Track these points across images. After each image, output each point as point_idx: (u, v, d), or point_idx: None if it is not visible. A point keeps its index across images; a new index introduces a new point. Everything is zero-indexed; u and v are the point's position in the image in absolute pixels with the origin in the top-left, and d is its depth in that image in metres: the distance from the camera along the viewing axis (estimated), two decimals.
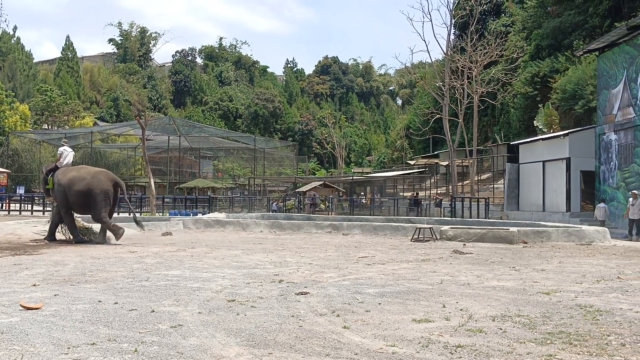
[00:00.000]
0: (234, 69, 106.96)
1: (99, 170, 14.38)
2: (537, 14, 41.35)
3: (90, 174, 13.60)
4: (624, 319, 5.25)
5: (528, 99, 36.51)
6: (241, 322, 5.05)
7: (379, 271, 8.72)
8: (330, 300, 6.15)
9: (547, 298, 6.39)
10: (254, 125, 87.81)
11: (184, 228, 19.40)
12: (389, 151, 67.43)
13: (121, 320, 5.10)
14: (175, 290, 6.73)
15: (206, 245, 13.32)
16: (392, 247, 13.18)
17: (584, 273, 8.57)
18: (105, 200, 13.39)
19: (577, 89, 29.44)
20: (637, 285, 7.38)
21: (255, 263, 9.69)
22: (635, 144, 20.91)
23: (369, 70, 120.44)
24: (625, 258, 10.95)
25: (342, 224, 18.79)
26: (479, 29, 39.64)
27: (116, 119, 71.62)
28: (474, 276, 8.18)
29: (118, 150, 58.32)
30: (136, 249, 11.91)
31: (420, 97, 58.01)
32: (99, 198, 13.25)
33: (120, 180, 14.27)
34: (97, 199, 13.23)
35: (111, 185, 13.57)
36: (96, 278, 7.69)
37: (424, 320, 5.18)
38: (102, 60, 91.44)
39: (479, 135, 39.56)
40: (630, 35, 21.49)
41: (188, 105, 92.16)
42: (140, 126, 29.40)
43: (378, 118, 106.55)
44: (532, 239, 14.43)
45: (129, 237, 14.34)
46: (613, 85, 22.51)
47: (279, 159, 64.74)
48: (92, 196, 13.20)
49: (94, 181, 13.34)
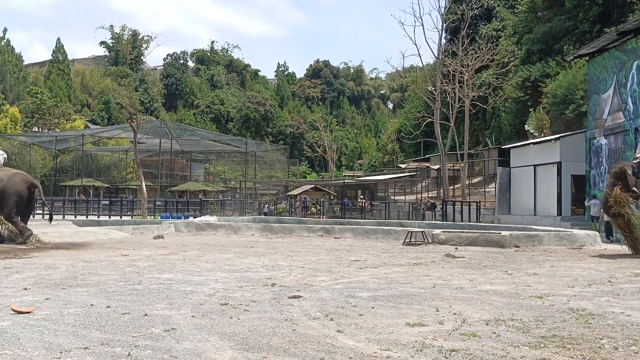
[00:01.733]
0: (225, 72, 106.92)
1: (17, 172, 14.70)
2: (528, 18, 41.64)
3: (7, 176, 13.93)
4: (616, 323, 5.28)
5: (519, 103, 36.71)
6: (235, 326, 5.03)
7: (372, 275, 8.72)
8: (323, 304, 6.14)
9: (539, 302, 6.41)
10: (245, 129, 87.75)
11: (175, 231, 19.32)
12: (380, 154, 67.57)
13: (114, 324, 5.07)
14: (168, 294, 6.70)
15: (198, 248, 13.27)
16: (384, 251, 13.19)
17: (576, 277, 8.61)
18: (17, 202, 13.70)
19: (568, 93, 29.64)
20: (628, 289, 7.43)
21: (247, 266, 9.67)
22: (625, 149, 21.06)
23: (360, 74, 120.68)
24: (616, 262, 11.02)
25: (334, 227, 18.78)
26: (470, 34, 39.85)
27: (108, 122, 71.36)
28: (467, 280, 8.20)
29: (109, 153, 58.10)
30: (128, 252, 11.84)
31: (412, 100, 58.20)
32: (11, 199, 13.58)
33: (37, 182, 14.64)
34: (9, 199, 13.56)
35: (26, 187, 13.90)
36: (88, 281, 7.64)
37: (418, 324, 5.19)
38: (93, 63, 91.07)
39: (470, 139, 39.74)
40: (619, 41, 21.66)
41: (180, 109, 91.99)
42: (132, 129, 29.34)
43: (369, 121, 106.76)
44: (523, 243, 14.49)
45: (120, 240, 14.28)
46: (603, 90, 22.67)
47: (270, 162, 64.70)
48: (5, 197, 13.56)
49: (9, 183, 13.69)
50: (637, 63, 20.33)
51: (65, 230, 16.82)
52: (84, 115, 67.68)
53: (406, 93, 78.30)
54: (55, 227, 17.42)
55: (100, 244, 14.13)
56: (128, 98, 78.99)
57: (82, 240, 14.95)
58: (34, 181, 14.38)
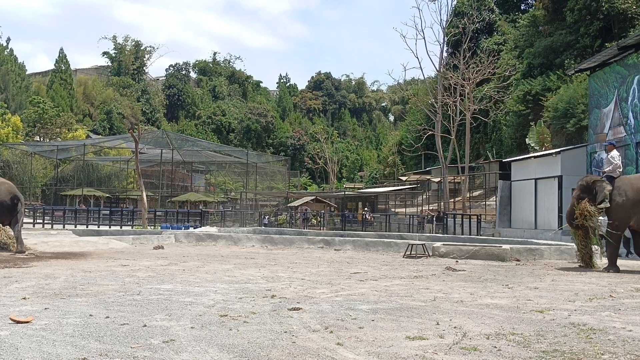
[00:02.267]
0: (227, 83, 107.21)
1: (3, 181, 14.79)
2: (529, 33, 41.86)
3: None
4: (617, 338, 5.25)
5: (520, 117, 36.79)
6: (234, 338, 5.01)
7: (372, 287, 8.69)
8: (323, 316, 6.12)
9: (540, 316, 6.38)
10: (246, 140, 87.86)
11: (175, 242, 19.29)
12: (380, 167, 67.58)
13: (113, 334, 5.05)
14: (168, 305, 6.68)
15: (198, 259, 13.24)
16: (385, 263, 13.15)
17: (577, 291, 8.58)
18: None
19: (569, 107, 29.71)
20: (629, 304, 7.39)
21: (247, 278, 9.64)
22: (626, 163, 21.05)
23: (362, 87, 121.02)
24: (617, 276, 10.98)
25: (334, 239, 18.74)
26: (471, 47, 40.00)
27: (109, 132, 71.45)
28: (467, 293, 8.17)
29: (111, 163, 58.18)
30: (128, 263, 11.82)
31: (413, 113, 58.29)
32: None
33: (21, 195, 14.74)
34: None
35: (8, 197, 14.01)
36: (87, 292, 7.61)
37: (418, 337, 5.16)
38: (96, 73, 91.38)
39: (471, 152, 39.73)
40: (620, 56, 21.74)
41: (181, 119, 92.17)
42: (134, 139, 29.38)
43: (370, 134, 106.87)
44: (524, 256, 14.44)
45: (120, 250, 14.25)
46: (604, 105, 22.72)
47: (271, 174, 64.72)
48: None
49: None
50: (638, 78, 20.39)
51: (65, 240, 16.81)
52: (85, 125, 67.81)
53: (407, 106, 78.40)
54: (55, 236, 17.44)
55: (100, 253, 14.10)
56: (130, 108, 79.19)
57: (82, 250, 14.93)
58: (18, 193, 14.53)
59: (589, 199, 12.28)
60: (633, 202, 11.74)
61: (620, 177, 12.56)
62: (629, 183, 12.13)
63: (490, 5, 51.73)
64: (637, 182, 12.04)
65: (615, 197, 11.98)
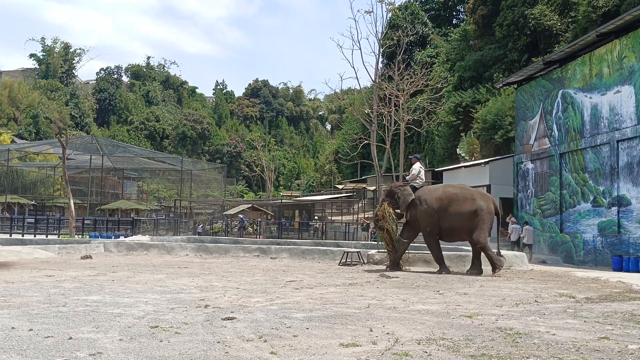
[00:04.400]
0: (161, 88, 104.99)
1: None
2: (460, 46, 43.33)
3: None
4: (542, 342, 5.46)
5: (451, 128, 37.92)
6: (164, 349, 4.88)
7: (307, 295, 8.69)
8: (257, 326, 6.06)
9: (469, 321, 6.56)
10: (181, 147, 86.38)
11: (105, 251, 18.67)
12: (317, 175, 68.00)
13: (36, 347, 4.82)
14: (95, 316, 6.44)
15: (128, 269, 12.85)
16: (320, 271, 13.20)
17: (504, 297, 8.87)
18: None
19: (497, 119, 30.87)
20: (553, 309, 7.71)
21: (180, 287, 9.44)
22: (550, 173, 22.05)
23: (299, 95, 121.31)
24: (542, 282, 11.44)
25: (271, 247, 18.66)
26: (405, 59, 40.81)
27: (35, 137, 68.47)
28: (400, 300, 8.30)
29: (36, 169, 55.67)
30: (53, 273, 11.33)
31: (349, 122, 59.00)
32: None
33: None
34: None
35: None
36: (9, 303, 7.24)
37: (352, 344, 5.19)
38: (22, 75, 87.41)
39: (405, 162, 40.52)
40: (546, 70, 22.81)
41: (112, 124, 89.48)
42: (61, 144, 28.24)
43: (307, 142, 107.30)
44: (455, 263, 14.81)
45: (45, 260, 13.65)
46: (530, 117, 23.73)
47: (207, 181, 63.76)
48: None
49: None
50: (562, 92, 21.43)
51: None
52: (10, 129, 64.73)
53: (344, 115, 79.27)
54: None
55: (24, 263, 13.47)
56: (58, 112, 76.24)
57: (4, 260, 14.22)
58: None
59: (390, 202, 13.65)
60: (436, 209, 12.98)
61: (423, 187, 13.95)
62: (429, 192, 13.48)
63: (424, 19, 53.17)
64: (436, 192, 13.39)
65: (418, 205, 13.26)
